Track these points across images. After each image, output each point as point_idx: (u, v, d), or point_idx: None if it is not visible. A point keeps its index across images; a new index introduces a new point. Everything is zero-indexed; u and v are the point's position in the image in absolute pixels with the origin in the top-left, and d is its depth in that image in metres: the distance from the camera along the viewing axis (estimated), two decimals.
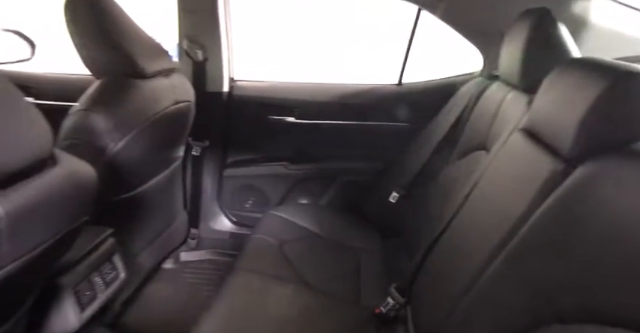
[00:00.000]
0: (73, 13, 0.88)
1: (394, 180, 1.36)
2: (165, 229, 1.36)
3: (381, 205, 1.37)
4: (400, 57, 1.48)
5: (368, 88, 1.51)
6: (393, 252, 1.24)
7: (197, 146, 1.44)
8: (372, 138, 1.51)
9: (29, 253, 0.47)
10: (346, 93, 1.48)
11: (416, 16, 1.37)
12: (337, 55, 4.36)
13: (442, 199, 1.03)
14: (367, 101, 1.48)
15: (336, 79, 1.56)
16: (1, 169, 0.41)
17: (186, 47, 1.31)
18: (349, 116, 1.47)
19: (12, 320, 0.59)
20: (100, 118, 0.86)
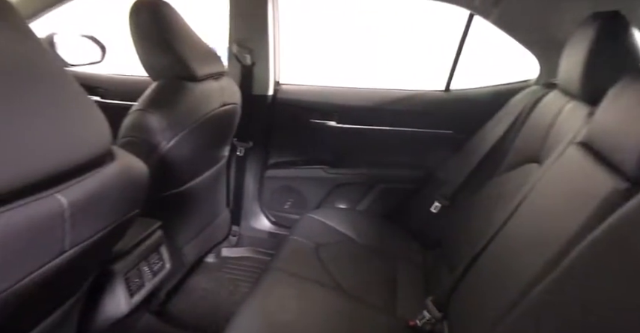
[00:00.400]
0: (136, 19, 0.95)
1: (436, 189, 1.32)
2: (208, 225, 1.42)
3: (422, 214, 1.34)
4: (448, 63, 1.43)
5: (413, 93, 1.48)
6: (432, 263, 1.20)
7: (241, 147, 1.50)
8: (415, 145, 1.48)
9: (87, 240, 0.52)
10: (390, 98, 1.46)
11: (467, 22, 1.32)
12: (383, 60, 4.32)
13: (487, 212, 0.98)
14: (411, 107, 1.45)
15: (379, 84, 1.55)
16: (67, 164, 0.45)
17: (236, 51, 1.37)
18: (392, 122, 1.45)
19: (71, 300, 0.65)
20: (154, 118, 0.92)
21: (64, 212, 0.45)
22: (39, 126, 0.42)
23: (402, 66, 4.02)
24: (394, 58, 4.25)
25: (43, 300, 0.56)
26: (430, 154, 1.46)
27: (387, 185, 1.54)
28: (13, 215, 0.39)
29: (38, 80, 0.44)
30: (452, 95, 1.45)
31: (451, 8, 1.27)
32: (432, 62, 2.80)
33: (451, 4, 1.26)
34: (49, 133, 0.43)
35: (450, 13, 1.33)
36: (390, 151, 1.51)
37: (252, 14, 1.34)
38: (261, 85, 1.44)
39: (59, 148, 0.44)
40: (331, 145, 1.54)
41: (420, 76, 3.11)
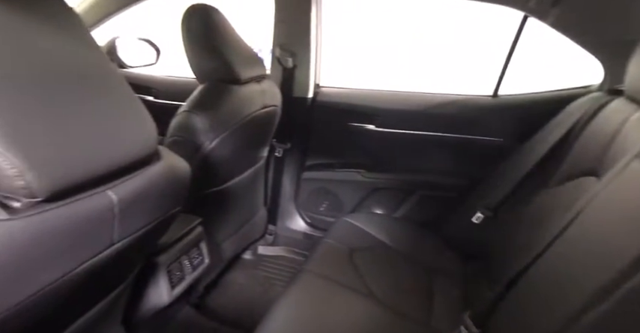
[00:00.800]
0: (188, 24, 1.00)
1: (480, 199, 1.26)
2: (246, 223, 1.46)
3: (463, 224, 1.28)
4: (496, 67, 1.36)
5: (458, 98, 1.42)
6: (472, 276, 1.14)
7: (280, 148, 1.52)
8: (459, 152, 1.42)
9: (134, 234, 0.55)
10: (434, 103, 1.42)
11: (520, 24, 1.24)
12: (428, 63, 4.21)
13: (535, 227, 0.91)
14: (456, 112, 1.39)
15: (423, 88, 1.51)
16: (118, 164, 0.48)
17: (278, 55, 1.39)
18: (435, 127, 1.40)
19: (118, 290, 0.70)
20: (199, 119, 0.97)
21: (114, 207, 0.48)
22: (96, 129, 0.45)
23: (447, 70, 3.90)
24: (440, 62, 4.12)
25: (93, 288, 0.60)
26: (475, 161, 1.39)
27: (426, 192, 1.49)
28: (70, 209, 0.43)
29: (98, 86, 0.47)
30: (500, 101, 1.37)
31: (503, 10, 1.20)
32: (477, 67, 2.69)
33: (503, 6, 1.19)
34: (104, 136, 0.46)
35: (500, 14, 1.26)
36: (432, 157, 1.46)
37: (296, 19, 1.36)
38: (302, 87, 1.46)
39: (112, 149, 0.47)
40: (369, 148, 1.52)
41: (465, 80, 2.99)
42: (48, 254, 0.42)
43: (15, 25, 0.40)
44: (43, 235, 0.41)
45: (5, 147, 0.36)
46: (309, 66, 1.42)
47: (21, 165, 0.37)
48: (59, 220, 0.42)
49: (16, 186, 0.37)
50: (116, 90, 0.50)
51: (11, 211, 0.38)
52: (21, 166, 0.37)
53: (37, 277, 0.43)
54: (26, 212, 0.39)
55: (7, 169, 0.36)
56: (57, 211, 0.41)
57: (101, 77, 0.48)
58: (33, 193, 0.38)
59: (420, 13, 4.23)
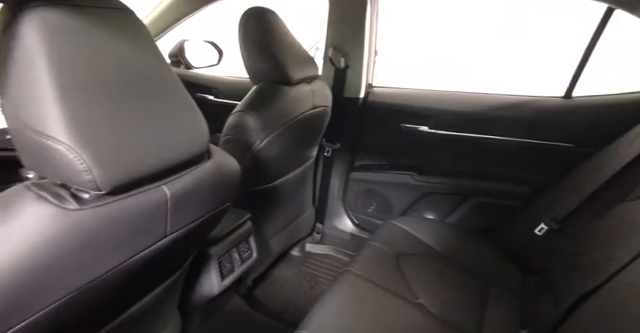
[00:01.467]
0: (245, 26, 1.05)
1: (544, 209, 1.15)
2: (294, 220, 1.50)
3: (524, 235, 1.18)
4: (569, 65, 1.23)
5: (524, 99, 1.31)
6: (532, 291, 1.05)
7: (329, 148, 1.53)
8: (523, 157, 1.30)
9: (185, 227, 0.59)
10: (495, 104, 1.32)
11: (603, 17, 1.10)
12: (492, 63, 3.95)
13: (610, 244, 0.81)
14: (521, 114, 1.28)
15: (482, 89, 1.41)
16: (172, 161, 0.52)
17: (331, 55, 1.40)
18: (496, 130, 1.31)
19: (173, 277, 0.75)
20: (251, 119, 1.01)
21: (167, 202, 0.52)
22: (154, 130, 0.49)
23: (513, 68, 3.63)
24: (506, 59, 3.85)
25: (150, 274, 0.65)
26: (540, 168, 1.27)
27: (483, 199, 1.40)
28: (130, 202, 0.47)
29: (157, 91, 0.51)
30: (574, 103, 1.24)
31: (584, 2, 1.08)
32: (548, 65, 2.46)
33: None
34: (161, 136, 0.50)
35: (580, 8, 1.13)
36: (491, 162, 1.37)
37: (350, 19, 1.35)
38: (353, 87, 1.44)
39: (168, 148, 0.51)
40: (421, 151, 1.46)
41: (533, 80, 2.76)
42: (110, 242, 0.47)
43: (90, 34, 0.45)
44: (106, 224, 0.45)
45: (77, 145, 0.40)
46: (362, 66, 1.41)
47: (89, 161, 0.41)
48: (120, 212, 0.46)
49: (85, 180, 0.42)
50: (173, 94, 0.54)
51: (81, 202, 0.43)
52: (89, 163, 0.41)
53: (101, 262, 0.48)
54: (93, 203, 0.44)
55: (78, 164, 0.41)
56: (118, 203, 0.46)
57: (161, 82, 0.52)
58: (98, 187, 0.42)
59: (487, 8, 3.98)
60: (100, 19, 0.46)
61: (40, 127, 0.40)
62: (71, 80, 0.41)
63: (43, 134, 0.40)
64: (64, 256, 0.42)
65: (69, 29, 0.42)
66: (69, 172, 0.41)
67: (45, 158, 0.42)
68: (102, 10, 0.47)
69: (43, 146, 0.41)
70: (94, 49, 0.45)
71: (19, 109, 0.41)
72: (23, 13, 0.40)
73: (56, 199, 0.41)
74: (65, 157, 0.40)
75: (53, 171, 0.43)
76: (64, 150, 0.40)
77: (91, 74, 0.43)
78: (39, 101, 0.40)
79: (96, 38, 0.45)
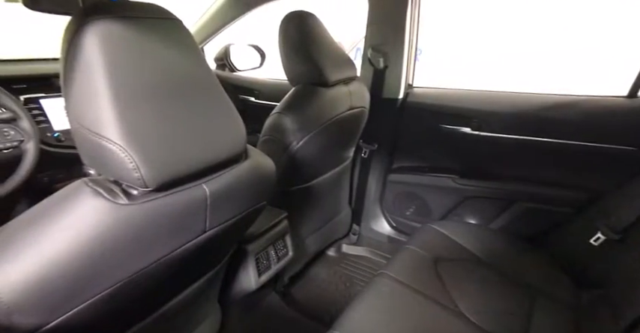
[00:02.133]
0: (285, 30, 1.07)
1: (602, 218, 1.06)
2: (330, 220, 1.50)
3: (577, 245, 1.10)
4: (634, 62, 1.12)
5: (580, 99, 1.21)
6: (587, 306, 0.98)
7: (366, 149, 1.51)
8: (577, 161, 1.21)
9: (223, 223, 0.63)
10: (547, 104, 1.23)
11: None
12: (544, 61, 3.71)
13: None
14: (577, 116, 1.19)
15: (530, 88, 1.33)
16: (212, 161, 0.55)
17: (370, 55, 1.38)
18: (547, 132, 1.22)
19: (213, 271, 0.79)
20: (288, 120, 1.03)
21: (207, 199, 0.55)
22: (195, 131, 0.52)
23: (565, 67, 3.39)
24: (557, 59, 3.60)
25: (192, 267, 0.69)
26: (596, 173, 1.17)
27: (531, 204, 1.31)
28: (173, 198, 0.51)
29: (199, 94, 0.54)
30: (639, 103, 1.13)
31: None
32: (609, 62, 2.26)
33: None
34: (202, 137, 0.53)
35: None
36: (541, 165, 1.28)
37: (390, 19, 1.33)
38: (392, 88, 1.42)
39: (208, 149, 0.54)
40: (463, 153, 1.40)
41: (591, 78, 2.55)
42: (155, 235, 0.51)
43: (141, 43, 0.49)
44: (152, 219, 0.49)
45: (128, 146, 0.44)
46: (402, 66, 1.38)
47: (138, 161, 0.45)
48: (164, 207, 0.50)
49: (134, 177, 0.46)
50: (214, 98, 0.57)
51: (130, 197, 0.47)
52: (138, 162, 0.45)
53: (147, 254, 0.52)
54: (141, 199, 0.48)
55: (128, 163, 0.45)
56: (163, 199, 0.50)
57: (203, 87, 0.55)
58: (145, 184, 0.46)
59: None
60: (151, 28, 0.50)
61: (96, 128, 0.45)
62: (123, 86, 0.45)
63: (99, 135, 0.45)
64: (115, 247, 0.46)
65: (124, 39, 0.46)
66: (120, 170, 0.45)
67: (101, 157, 0.46)
68: (153, 20, 0.51)
69: (99, 146, 0.45)
70: (144, 57, 0.48)
71: (79, 112, 0.46)
72: (86, 25, 0.44)
73: (109, 194, 0.46)
74: (117, 156, 0.44)
75: (107, 168, 0.47)
76: (116, 150, 0.44)
77: (141, 80, 0.47)
78: (96, 105, 0.44)
79: (146, 46, 0.49)
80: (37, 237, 0.43)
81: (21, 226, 0.45)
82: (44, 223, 0.44)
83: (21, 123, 0.90)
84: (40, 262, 0.42)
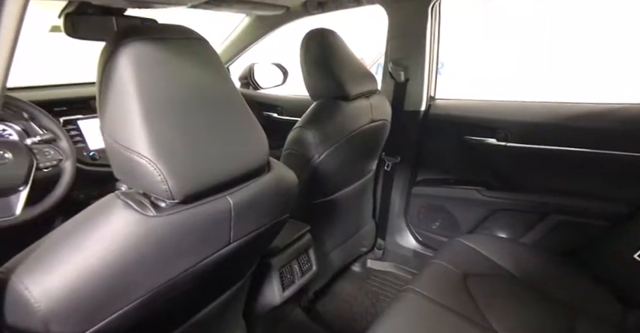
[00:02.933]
0: (307, 46, 1.10)
1: None
2: (354, 234, 1.49)
3: (621, 261, 1.03)
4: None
5: (613, 107, 1.16)
6: (634, 327, 0.91)
7: (389, 161, 1.50)
8: (614, 171, 1.15)
9: (247, 235, 0.64)
10: (575, 113, 1.19)
11: None
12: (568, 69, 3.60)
13: None
14: (611, 124, 1.14)
15: (555, 98, 1.29)
16: (236, 173, 0.57)
17: (391, 69, 1.39)
18: (580, 142, 1.17)
19: (238, 285, 0.80)
20: (310, 134, 1.04)
21: (231, 211, 0.57)
22: (220, 145, 0.54)
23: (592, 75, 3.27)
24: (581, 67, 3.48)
25: (217, 279, 0.70)
26: (637, 185, 1.11)
27: (566, 218, 1.25)
28: (199, 210, 0.53)
29: (223, 109, 0.57)
30: None
31: None
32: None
33: None
34: (226, 151, 0.55)
35: None
36: (574, 176, 1.23)
37: (410, 33, 1.34)
38: (414, 100, 1.42)
39: (232, 162, 0.56)
40: (489, 165, 1.37)
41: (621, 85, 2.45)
42: (182, 246, 0.52)
43: (170, 62, 0.51)
44: (178, 230, 0.51)
45: (156, 159, 0.47)
46: (423, 79, 1.38)
47: (165, 173, 0.47)
48: (190, 219, 0.52)
49: (162, 189, 0.48)
50: (238, 113, 0.59)
51: (158, 209, 0.49)
52: (165, 174, 0.47)
53: (175, 264, 0.53)
54: (168, 211, 0.49)
55: (156, 175, 0.47)
56: (189, 211, 0.51)
57: (227, 102, 0.58)
58: (172, 196, 0.48)
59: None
60: (179, 48, 0.53)
61: (128, 143, 0.47)
62: (153, 103, 0.48)
63: (130, 150, 0.47)
64: (145, 257, 0.48)
65: (154, 59, 0.50)
66: (149, 183, 0.48)
67: (132, 170, 0.48)
68: (181, 40, 0.54)
69: (131, 160, 0.47)
70: (173, 75, 0.51)
71: (113, 129, 0.49)
72: (120, 47, 0.47)
73: (139, 206, 0.48)
74: (147, 169, 0.47)
75: (137, 182, 0.50)
76: (146, 163, 0.47)
77: (169, 97, 0.50)
78: (128, 122, 0.47)
79: (174, 65, 0.52)
80: (71, 249, 0.46)
81: (57, 238, 0.47)
82: (78, 235, 0.47)
83: (60, 143, 0.96)
84: (75, 272, 0.44)
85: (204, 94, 0.54)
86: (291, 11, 1.41)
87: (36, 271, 0.44)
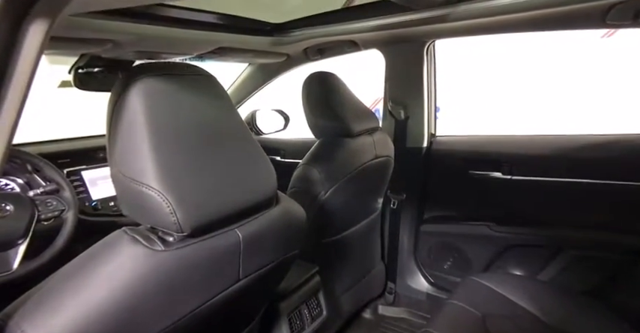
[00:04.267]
0: (309, 87, 1.15)
1: None
2: (363, 277, 1.42)
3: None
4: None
5: (606, 138, 1.18)
6: None
7: (395, 199, 1.49)
8: (624, 202, 1.13)
9: (257, 271, 0.61)
10: (574, 145, 1.20)
11: None
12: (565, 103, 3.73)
13: None
14: (609, 154, 1.15)
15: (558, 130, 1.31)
16: (244, 206, 0.56)
17: (390, 108, 1.44)
18: (582, 173, 1.17)
19: (248, 328, 0.75)
20: (315, 171, 1.05)
21: (240, 244, 0.55)
22: (228, 177, 0.55)
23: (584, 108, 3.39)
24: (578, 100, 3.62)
25: (225, 323, 0.66)
26: None
27: (582, 252, 1.21)
28: (207, 244, 0.51)
29: (232, 143, 0.58)
30: None
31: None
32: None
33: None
34: (234, 183, 0.55)
35: None
36: (585, 209, 1.21)
37: (407, 74, 1.40)
38: (416, 137, 1.44)
39: (240, 194, 0.56)
40: (497, 199, 1.35)
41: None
42: (191, 282, 0.50)
43: (178, 97, 0.53)
44: (187, 265, 0.49)
45: (165, 191, 0.47)
46: (423, 116, 1.42)
47: (174, 205, 0.47)
48: (200, 253, 0.50)
49: (170, 221, 0.47)
50: (245, 145, 0.60)
51: (166, 244, 0.48)
52: (174, 206, 0.47)
53: (184, 302, 0.51)
54: (176, 245, 0.48)
55: (165, 207, 0.47)
56: (197, 245, 0.50)
57: (234, 136, 0.59)
58: (181, 228, 0.47)
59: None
60: (188, 83, 0.55)
61: (138, 176, 0.48)
62: (163, 136, 0.49)
63: (140, 182, 0.47)
64: (153, 294, 0.46)
65: (164, 94, 0.51)
66: (158, 215, 0.47)
67: (140, 203, 0.48)
68: (189, 76, 0.56)
69: (140, 193, 0.47)
70: (182, 109, 0.53)
71: (122, 162, 0.49)
72: (131, 83, 0.49)
73: (147, 241, 0.47)
74: (155, 201, 0.47)
75: (145, 215, 0.49)
76: (155, 195, 0.46)
77: (178, 130, 0.51)
78: (138, 154, 0.48)
79: (183, 100, 0.53)
80: (76, 288, 0.44)
81: (59, 279, 0.46)
82: (83, 273, 0.45)
83: (64, 193, 0.97)
84: (80, 312, 0.42)
85: (213, 127, 0.55)
86: (292, 59, 1.49)
87: (37, 315, 0.42)
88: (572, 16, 0.91)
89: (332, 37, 1.25)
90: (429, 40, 1.30)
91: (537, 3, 0.87)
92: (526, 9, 0.89)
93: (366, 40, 1.27)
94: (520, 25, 1.02)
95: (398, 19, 1.03)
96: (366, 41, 1.29)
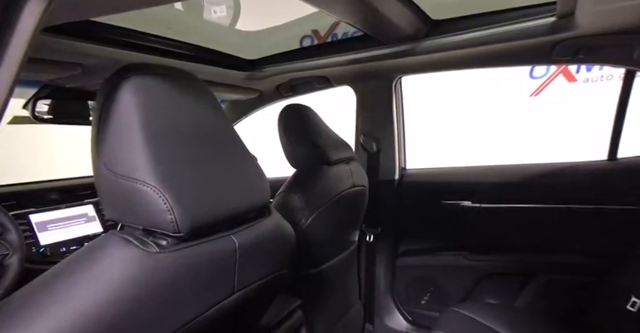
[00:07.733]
0: (285, 118, 1.15)
1: (632, 280, 1.00)
2: (343, 316, 1.34)
3: (615, 314, 1.00)
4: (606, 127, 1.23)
5: (566, 165, 1.28)
6: None
7: (370, 233, 1.47)
8: (586, 225, 1.21)
9: (251, 284, 0.57)
10: (538, 172, 1.29)
11: (625, 80, 1.16)
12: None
13: None
14: (571, 180, 1.24)
15: (520, 159, 1.41)
16: (240, 210, 0.54)
17: (362, 141, 1.48)
18: (548, 198, 1.24)
19: None
20: (295, 198, 1.03)
21: (236, 252, 0.52)
22: (224, 180, 0.53)
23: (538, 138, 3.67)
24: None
25: None
26: (614, 236, 1.16)
27: (553, 276, 1.24)
28: (204, 248, 0.48)
29: (226, 147, 0.56)
30: (620, 165, 1.20)
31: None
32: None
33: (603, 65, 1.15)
34: (231, 186, 0.53)
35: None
36: (554, 233, 1.26)
37: (377, 109, 1.47)
38: (387, 170, 1.48)
39: (236, 197, 0.54)
40: (469, 228, 1.38)
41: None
42: (186, 287, 0.46)
43: (170, 95, 0.52)
44: (182, 269, 0.45)
45: (162, 187, 0.43)
46: (394, 149, 1.47)
47: (171, 202, 0.43)
48: (195, 258, 0.46)
49: (166, 220, 0.43)
50: (238, 150, 0.59)
51: (161, 247, 0.44)
52: (171, 203, 0.43)
53: (175, 314, 0.45)
54: (171, 248, 0.44)
55: (161, 204, 0.43)
56: (193, 248, 0.46)
57: (227, 139, 0.58)
58: (178, 228, 0.44)
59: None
60: (180, 84, 0.54)
61: (130, 173, 0.44)
62: (156, 133, 0.47)
63: (132, 179, 0.44)
64: (146, 297, 0.41)
65: (155, 92, 0.50)
66: (153, 213, 0.43)
67: (132, 202, 0.44)
68: (181, 78, 0.55)
69: (133, 189, 0.44)
70: (174, 108, 0.51)
71: (110, 159, 0.46)
72: (122, 80, 0.47)
73: (139, 242, 0.43)
74: (151, 198, 0.43)
75: (138, 214, 0.45)
76: (150, 191, 0.43)
77: (172, 128, 0.49)
78: (130, 150, 0.45)
79: (176, 99, 0.52)
80: (64, 291, 0.38)
81: (46, 282, 0.40)
82: (71, 276, 0.40)
83: (9, 236, 0.87)
84: (69, 317, 0.37)
85: (206, 129, 0.54)
86: (265, 95, 1.52)
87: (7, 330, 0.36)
88: (523, 52, 1.04)
89: (304, 71, 1.30)
90: (397, 75, 1.39)
91: (494, 37, 0.98)
92: (484, 43, 1.00)
93: (337, 75, 1.34)
94: (477, 61, 1.14)
95: (369, 54, 1.10)
96: (338, 77, 1.35)
